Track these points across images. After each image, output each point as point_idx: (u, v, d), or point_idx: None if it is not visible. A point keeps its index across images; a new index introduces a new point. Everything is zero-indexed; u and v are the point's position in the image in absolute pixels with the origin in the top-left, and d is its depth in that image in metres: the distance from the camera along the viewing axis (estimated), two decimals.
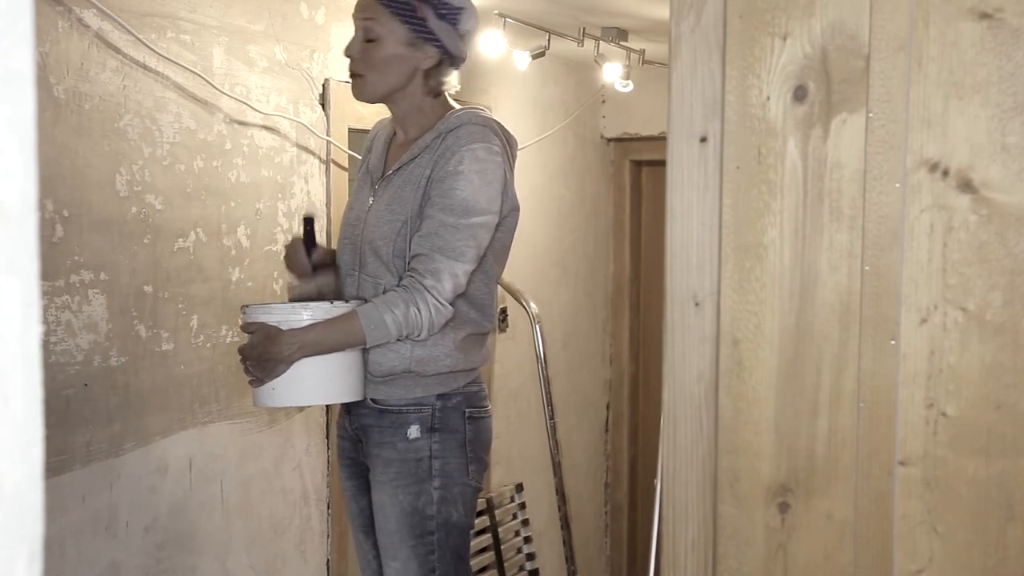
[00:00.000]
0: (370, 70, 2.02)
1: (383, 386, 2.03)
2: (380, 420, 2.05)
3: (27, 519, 0.46)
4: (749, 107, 1.41)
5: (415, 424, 2.03)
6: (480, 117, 2.04)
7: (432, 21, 1.99)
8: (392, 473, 2.03)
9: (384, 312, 1.91)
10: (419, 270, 1.94)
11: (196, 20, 2.35)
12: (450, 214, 1.95)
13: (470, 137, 1.98)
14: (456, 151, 1.96)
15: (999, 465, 1.34)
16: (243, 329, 1.99)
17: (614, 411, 5.09)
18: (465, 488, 2.07)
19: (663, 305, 1.49)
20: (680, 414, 1.48)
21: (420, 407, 2.03)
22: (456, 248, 1.95)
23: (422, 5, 1.98)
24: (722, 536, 1.47)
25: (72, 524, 2.11)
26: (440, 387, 2.03)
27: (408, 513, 2.03)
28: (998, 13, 1.30)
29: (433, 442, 2.03)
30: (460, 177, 1.95)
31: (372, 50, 2.01)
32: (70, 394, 2.09)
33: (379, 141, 2.16)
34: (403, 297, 1.93)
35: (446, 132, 2.00)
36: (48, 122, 2.01)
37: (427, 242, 1.95)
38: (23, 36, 0.45)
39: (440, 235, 1.94)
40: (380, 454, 2.05)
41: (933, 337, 1.35)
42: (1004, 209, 1.31)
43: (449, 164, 1.96)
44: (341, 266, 2.11)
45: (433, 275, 1.93)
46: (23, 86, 0.45)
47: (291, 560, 2.79)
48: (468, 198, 1.95)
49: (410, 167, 2.02)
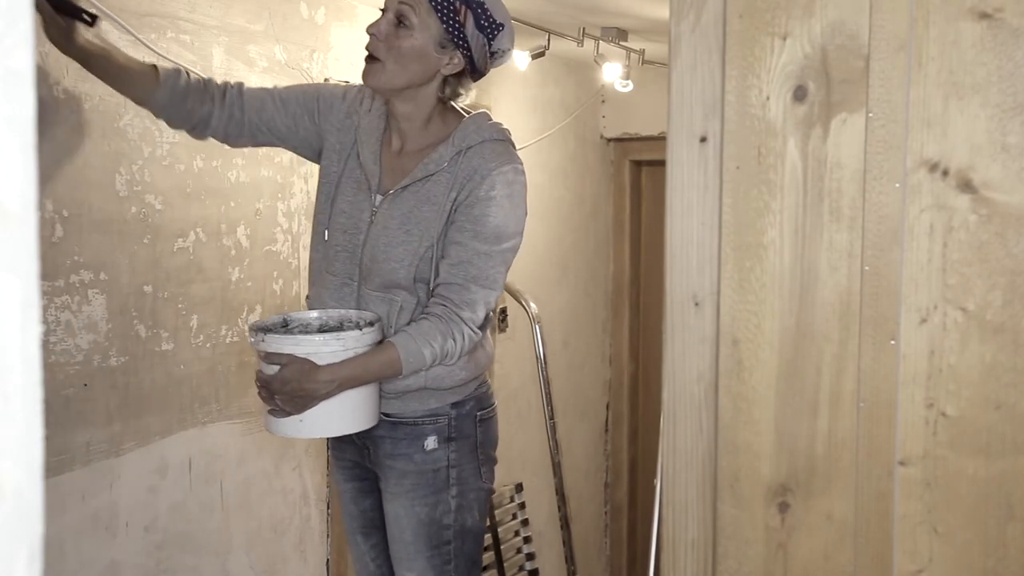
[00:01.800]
0: (392, 58, 1.89)
1: (396, 400, 1.99)
2: (393, 432, 2.01)
3: (27, 519, 0.46)
4: (749, 107, 1.41)
5: (432, 435, 1.99)
6: (497, 130, 1.97)
7: (470, 28, 1.91)
8: (408, 485, 2.00)
9: (423, 345, 1.86)
10: (455, 300, 1.89)
11: (196, 20, 2.35)
12: (483, 242, 1.89)
13: (498, 158, 1.91)
14: (486, 176, 1.89)
15: (999, 465, 1.34)
16: (267, 360, 1.86)
17: (614, 411, 5.09)
18: (479, 492, 2.06)
19: (663, 305, 1.49)
20: (680, 414, 1.48)
21: (436, 417, 2.00)
22: (490, 276, 1.91)
23: (466, 9, 1.90)
24: (722, 536, 1.47)
25: (72, 524, 2.11)
26: (454, 396, 2.01)
27: (425, 524, 2.00)
28: (998, 13, 1.30)
29: (451, 451, 2.01)
30: (492, 203, 1.88)
31: (400, 38, 1.89)
32: (70, 394, 2.09)
33: (368, 136, 2.01)
34: (440, 329, 1.87)
35: (465, 149, 1.92)
36: (48, 122, 2.01)
37: (460, 271, 1.89)
38: (23, 36, 0.45)
39: (474, 263, 1.89)
40: (395, 465, 2.01)
41: (933, 337, 1.35)
42: (1004, 209, 1.31)
43: (480, 190, 1.88)
44: (328, 271, 2.01)
45: (469, 307, 1.90)
46: (23, 86, 0.45)
47: (291, 560, 2.79)
48: (500, 224, 1.90)
49: (427, 186, 1.93)
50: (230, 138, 2.07)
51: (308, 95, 2.06)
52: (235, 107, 2.02)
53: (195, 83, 1.99)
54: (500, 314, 4.05)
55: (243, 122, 2.04)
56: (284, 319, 2.00)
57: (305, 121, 2.05)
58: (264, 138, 2.08)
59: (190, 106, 1.98)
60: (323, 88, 2.09)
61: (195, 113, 1.99)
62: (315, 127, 2.05)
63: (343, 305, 2.00)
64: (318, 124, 2.05)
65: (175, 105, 1.97)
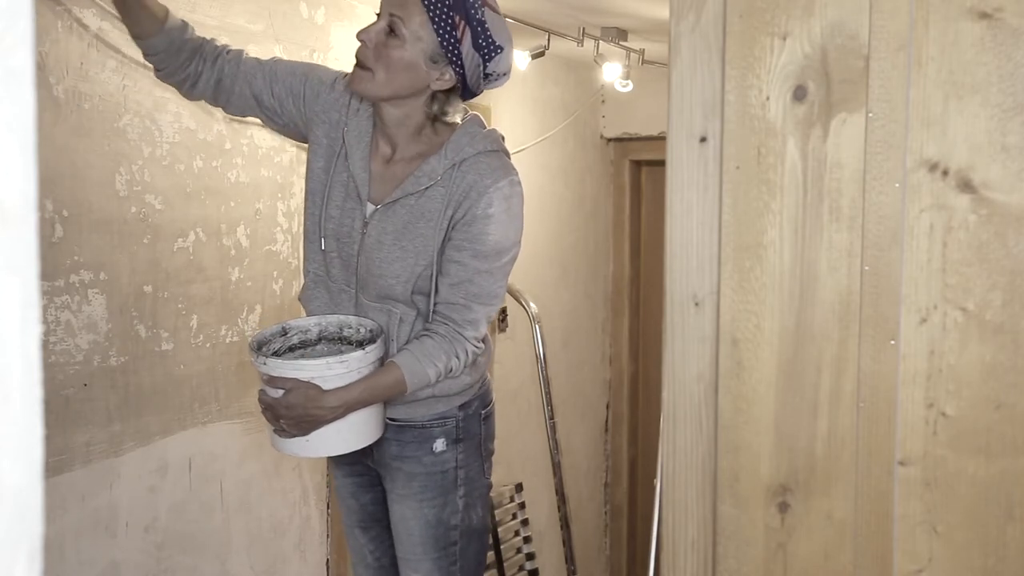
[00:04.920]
0: (381, 68, 1.84)
1: (403, 407, 1.98)
2: (400, 435, 2.00)
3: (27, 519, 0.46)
4: (749, 107, 1.41)
5: (440, 438, 1.99)
6: (490, 140, 1.92)
7: (466, 45, 1.84)
8: (416, 487, 2.00)
9: (427, 366, 1.86)
10: (457, 320, 1.88)
11: (196, 20, 2.34)
12: (483, 260, 1.87)
13: (493, 174, 1.87)
14: (483, 193, 1.85)
15: (999, 465, 1.34)
16: (270, 384, 1.83)
17: (614, 411, 5.09)
18: (483, 489, 2.07)
19: (663, 305, 1.49)
20: (680, 414, 1.48)
21: (444, 420, 2.00)
22: (491, 292, 1.90)
23: (464, 25, 1.83)
24: (722, 536, 1.47)
25: (72, 524, 2.11)
26: (460, 399, 2.01)
27: (432, 525, 2.00)
28: (998, 13, 1.30)
29: (459, 452, 2.01)
30: (491, 221, 1.85)
31: (390, 47, 1.83)
32: (70, 394, 2.09)
33: (357, 140, 1.95)
34: (444, 349, 1.87)
35: (459, 162, 1.88)
36: (48, 122, 2.01)
37: (461, 291, 1.88)
38: (23, 36, 0.45)
39: (475, 282, 1.88)
40: (401, 467, 2.01)
41: (933, 337, 1.35)
42: (1004, 209, 1.31)
43: (478, 208, 1.85)
44: (325, 276, 1.99)
45: (472, 325, 1.89)
46: (23, 86, 0.45)
47: (291, 560, 2.79)
48: (500, 240, 1.88)
49: (420, 200, 1.89)
50: (219, 103, 2.01)
51: (296, 77, 1.99)
52: (225, 74, 1.96)
53: (194, 39, 1.93)
54: (500, 314, 4.06)
55: (232, 91, 1.97)
56: (283, 327, 1.97)
57: (289, 105, 1.99)
58: (252, 112, 2.03)
59: (182, 60, 1.92)
60: (312, 72, 2.01)
61: (184, 68, 1.93)
62: (299, 113, 1.99)
63: (341, 311, 1.98)
64: (303, 111, 1.99)
65: (169, 54, 1.90)
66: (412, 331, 1.93)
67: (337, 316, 1.97)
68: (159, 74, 1.96)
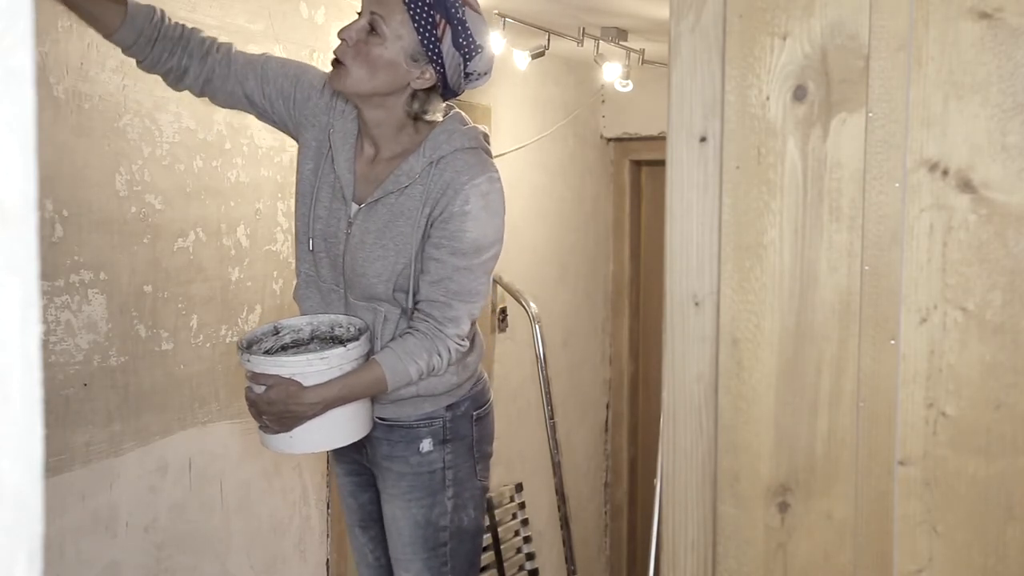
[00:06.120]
0: (358, 65, 1.84)
1: (391, 406, 1.99)
2: (389, 434, 2.01)
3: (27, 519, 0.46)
4: (749, 107, 1.41)
5: (427, 438, 2.00)
6: (469, 137, 1.91)
7: (446, 44, 1.84)
8: (404, 487, 2.01)
9: (408, 364, 1.86)
10: (438, 318, 1.88)
11: (196, 20, 2.35)
12: (462, 257, 1.86)
13: (470, 170, 1.86)
14: (460, 190, 1.85)
15: (999, 465, 1.34)
16: (253, 380, 1.86)
17: (614, 411, 5.09)
18: (475, 491, 2.07)
19: (663, 305, 1.49)
20: (680, 414, 1.48)
21: (431, 420, 2.00)
22: (471, 289, 1.89)
23: (445, 23, 1.83)
24: (722, 536, 1.47)
25: (72, 524, 2.11)
26: (448, 399, 2.01)
27: (421, 526, 2.01)
28: (998, 13, 1.30)
29: (446, 453, 2.01)
30: (467, 218, 1.85)
31: (370, 45, 1.83)
32: (70, 394, 2.09)
33: (342, 142, 1.96)
34: (425, 346, 1.87)
35: (437, 159, 1.88)
36: (48, 122, 2.01)
37: (441, 288, 1.88)
38: (23, 36, 0.45)
39: (454, 279, 1.87)
40: (391, 467, 2.02)
41: (933, 337, 1.35)
42: (1004, 209, 1.31)
43: (454, 205, 1.84)
44: (315, 276, 2.00)
45: (453, 323, 1.89)
46: (23, 86, 0.45)
47: (291, 560, 2.79)
48: (478, 238, 1.87)
49: (400, 199, 1.89)
50: (206, 95, 2.00)
51: (288, 79, 1.99)
52: (216, 74, 1.95)
53: (170, 29, 1.90)
54: (500, 314, 4.06)
55: (222, 89, 1.97)
56: (275, 327, 1.99)
57: (279, 106, 1.99)
58: (240, 108, 2.02)
59: (158, 53, 1.89)
60: (303, 75, 2.01)
61: (165, 62, 1.91)
62: (289, 115, 1.99)
63: (333, 311, 1.99)
64: (292, 114, 1.99)
65: (141, 48, 1.87)
66: (396, 329, 1.94)
67: (329, 315, 1.98)
68: (141, 65, 1.93)
